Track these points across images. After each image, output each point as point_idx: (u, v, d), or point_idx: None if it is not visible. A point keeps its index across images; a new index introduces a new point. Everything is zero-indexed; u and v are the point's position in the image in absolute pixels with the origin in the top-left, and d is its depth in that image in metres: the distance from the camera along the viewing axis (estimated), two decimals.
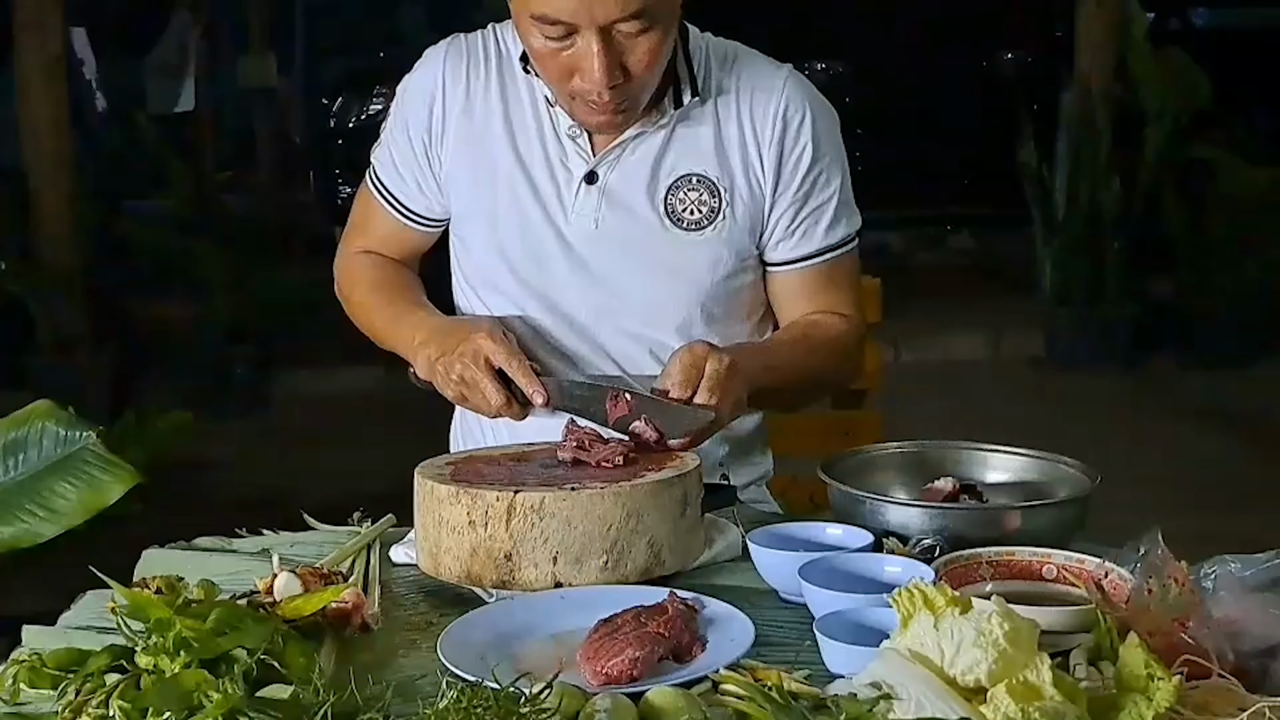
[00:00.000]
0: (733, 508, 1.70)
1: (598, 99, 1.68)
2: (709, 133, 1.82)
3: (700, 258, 1.82)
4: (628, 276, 1.82)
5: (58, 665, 1.28)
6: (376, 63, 8.90)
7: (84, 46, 7.39)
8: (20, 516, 2.15)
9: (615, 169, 1.81)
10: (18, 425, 2.21)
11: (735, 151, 1.82)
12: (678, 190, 1.81)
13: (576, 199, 1.81)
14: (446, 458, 1.67)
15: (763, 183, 1.82)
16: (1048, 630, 1.25)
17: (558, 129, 1.82)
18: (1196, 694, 1.18)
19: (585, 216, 1.81)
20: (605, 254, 1.82)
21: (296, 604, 1.36)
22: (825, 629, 1.30)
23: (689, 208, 1.81)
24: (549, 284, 1.83)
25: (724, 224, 1.82)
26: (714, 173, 1.81)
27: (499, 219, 1.84)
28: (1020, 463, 1.73)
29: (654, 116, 1.79)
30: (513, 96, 1.84)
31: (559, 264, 1.82)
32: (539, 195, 1.82)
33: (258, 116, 8.31)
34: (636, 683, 1.25)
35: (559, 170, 1.82)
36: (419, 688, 1.28)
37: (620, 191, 1.81)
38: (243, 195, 7.11)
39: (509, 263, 1.85)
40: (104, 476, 2.16)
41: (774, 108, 1.81)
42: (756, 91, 1.82)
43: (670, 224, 1.81)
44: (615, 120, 1.74)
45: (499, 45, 1.86)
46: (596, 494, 1.46)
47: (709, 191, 1.81)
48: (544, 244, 1.83)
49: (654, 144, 1.81)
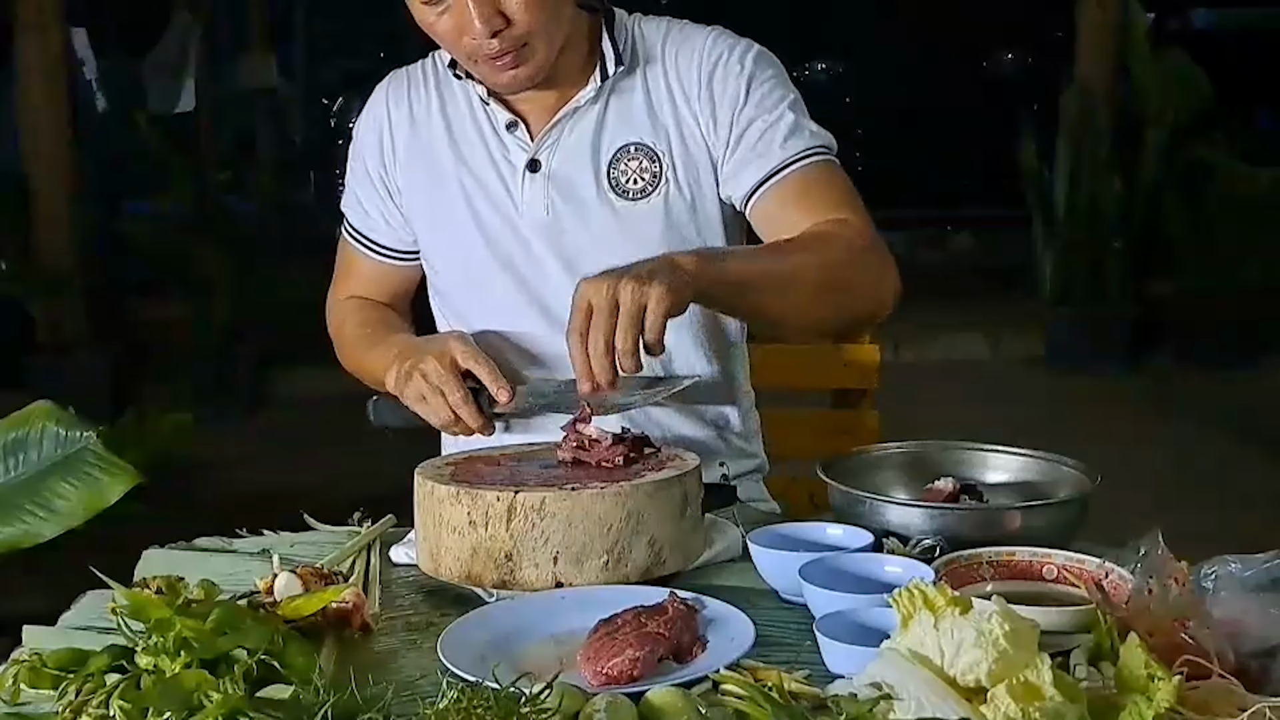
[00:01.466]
0: (733, 508, 1.70)
1: (491, 51, 1.69)
2: (640, 100, 1.82)
3: (651, 225, 1.81)
4: (588, 256, 1.79)
5: (58, 665, 1.28)
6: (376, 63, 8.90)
7: (84, 46, 7.39)
8: (20, 517, 2.16)
9: (556, 153, 1.82)
10: (18, 425, 2.21)
11: (668, 113, 1.82)
12: (618, 162, 1.82)
13: (524, 190, 1.82)
14: (446, 458, 1.67)
15: (700, 134, 1.81)
16: (1048, 630, 1.25)
17: (495, 125, 1.84)
18: (1197, 694, 1.18)
19: (536, 206, 1.82)
20: (562, 239, 1.82)
21: (297, 604, 1.36)
22: (825, 629, 1.30)
23: (631, 177, 1.81)
24: (513, 281, 1.84)
25: (668, 187, 1.81)
26: (650, 138, 1.81)
27: (457, 227, 1.86)
28: (1020, 463, 1.73)
29: (583, 91, 1.80)
30: (451, 107, 1.87)
31: (521, 259, 1.83)
32: (489, 195, 1.84)
33: (258, 117, 8.32)
34: (636, 683, 1.25)
35: (503, 165, 1.84)
36: (419, 688, 1.28)
37: (564, 174, 1.82)
38: (243, 195, 7.11)
39: (476, 269, 1.86)
40: (104, 477, 2.17)
41: (699, 60, 1.81)
42: (682, 52, 1.82)
43: (616, 196, 1.81)
44: (521, 74, 1.73)
45: (436, 65, 1.90)
46: (597, 494, 1.46)
47: (648, 158, 1.81)
48: (503, 242, 1.84)
49: (589, 121, 1.82)
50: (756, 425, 1.99)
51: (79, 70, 7.11)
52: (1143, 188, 6.44)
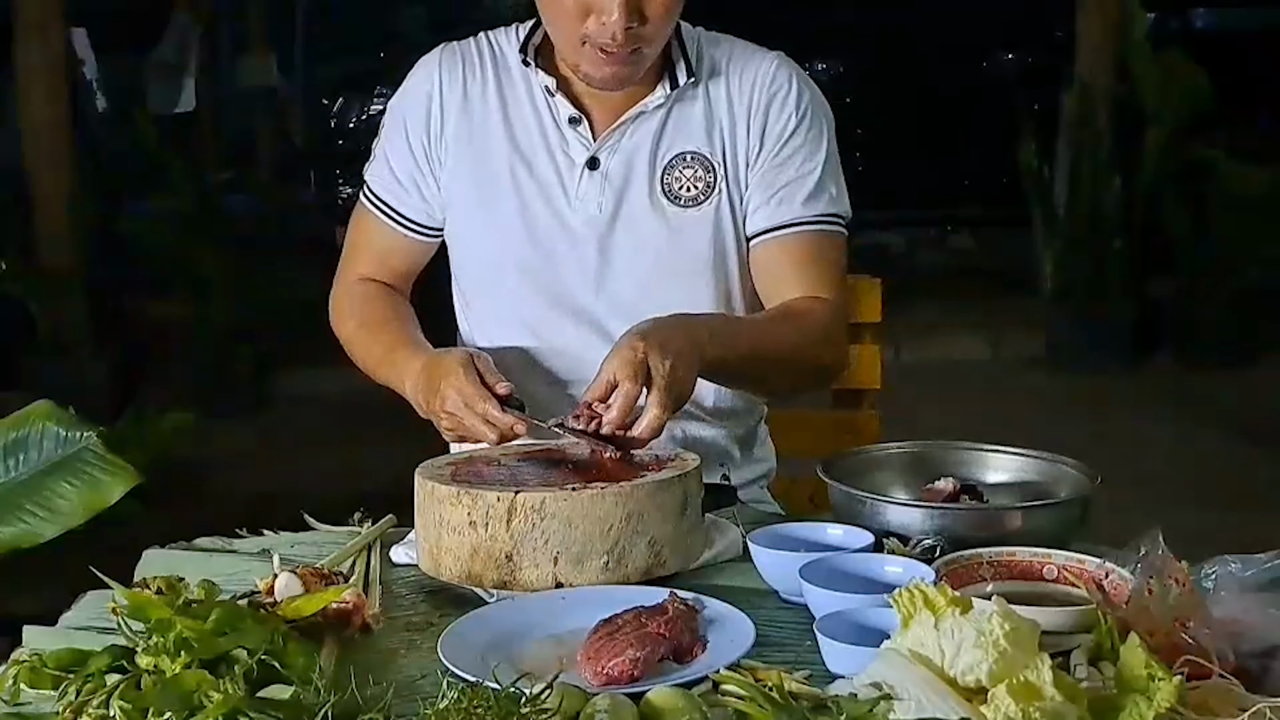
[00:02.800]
0: (733, 508, 1.70)
1: (611, 41, 1.70)
2: (701, 112, 1.86)
3: (700, 233, 1.85)
4: (632, 257, 1.84)
5: (58, 665, 1.28)
6: (376, 63, 8.92)
7: (85, 46, 7.38)
8: (21, 517, 2.16)
9: (615, 154, 1.84)
10: (18, 425, 2.21)
11: (725, 127, 1.86)
12: (674, 169, 1.85)
13: (579, 185, 1.84)
14: (447, 458, 1.67)
15: (747, 150, 1.86)
16: (1048, 630, 1.25)
17: (558, 118, 1.85)
18: (1197, 694, 1.18)
19: (589, 202, 1.84)
20: (609, 237, 1.84)
21: (297, 604, 1.36)
22: (826, 629, 1.30)
23: (685, 185, 1.85)
24: (553, 273, 1.85)
25: (719, 198, 1.85)
26: (706, 149, 1.85)
27: (501, 213, 1.86)
28: (1021, 463, 1.73)
29: (651, 97, 1.83)
30: (509, 93, 1.87)
31: (564, 250, 1.84)
32: (541, 185, 1.85)
33: (258, 117, 8.31)
34: (637, 683, 1.25)
35: (560, 158, 1.85)
36: (419, 688, 1.28)
37: (621, 175, 1.84)
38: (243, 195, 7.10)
39: (513, 256, 1.86)
40: (104, 477, 2.17)
41: (761, 83, 1.86)
42: (745, 71, 1.87)
43: (668, 202, 1.84)
44: (623, 72, 1.76)
45: (493, 47, 1.90)
46: (597, 494, 1.46)
47: (703, 168, 1.85)
48: (548, 232, 1.85)
49: (651, 126, 1.84)
50: (767, 431, 2.02)
51: (79, 70, 7.10)
52: (1143, 187, 6.43)
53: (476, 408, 1.65)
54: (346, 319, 1.98)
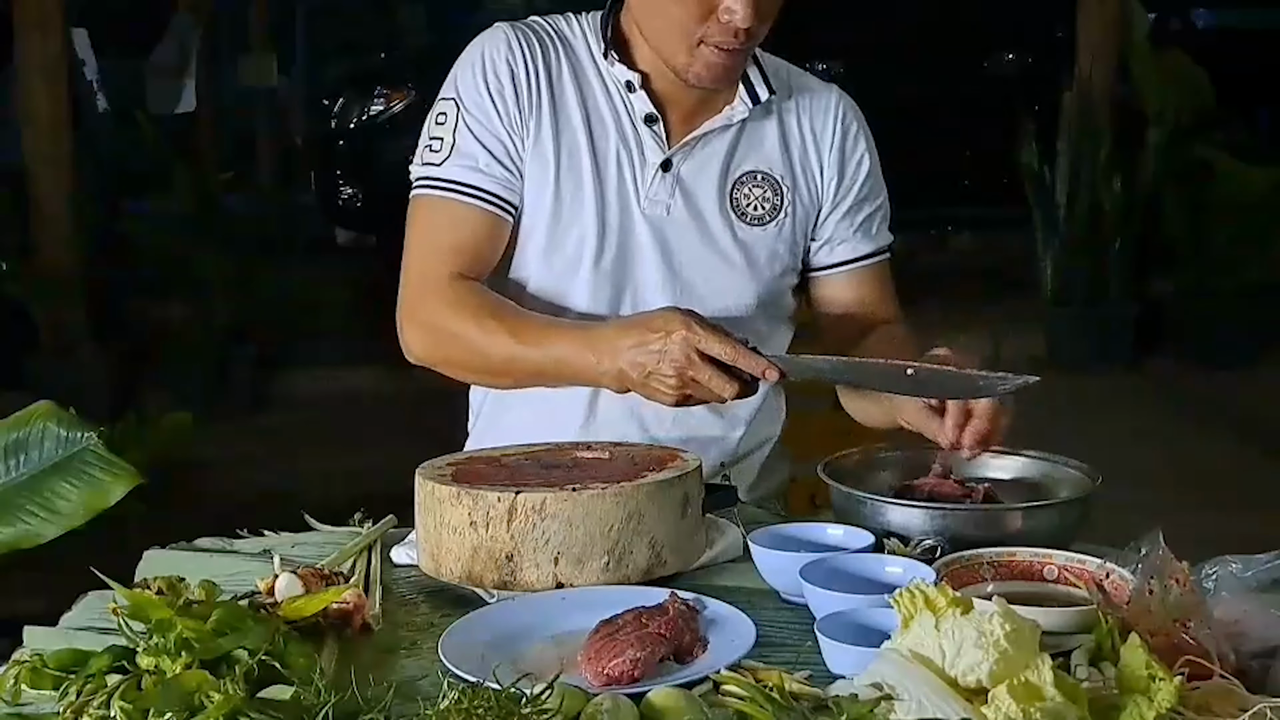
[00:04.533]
0: (734, 508, 1.70)
1: (734, 39, 1.71)
2: (774, 133, 1.88)
3: (761, 251, 1.87)
4: (695, 263, 1.84)
5: (59, 666, 1.28)
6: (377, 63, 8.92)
7: (85, 47, 7.38)
8: (21, 517, 2.16)
9: (689, 160, 1.84)
10: (19, 426, 2.21)
11: (796, 152, 1.89)
12: (743, 185, 1.86)
13: (651, 185, 1.83)
14: (447, 458, 1.67)
15: (821, 186, 1.90)
16: (1049, 631, 1.25)
17: (634, 116, 1.84)
18: (1198, 695, 1.18)
19: (658, 203, 1.84)
20: (675, 239, 1.84)
21: (298, 605, 1.36)
22: (826, 630, 1.30)
23: (753, 203, 1.86)
24: (624, 268, 1.83)
25: (785, 220, 1.88)
26: (778, 171, 1.88)
27: (579, 201, 1.82)
28: (1021, 463, 1.73)
29: (734, 110, 1.84)
30: (586, 84, 1.85)
31: (634, 242, 1.83)
32: (612, 180, 1.83)
33: (258, 117, 8.32)
34: (638, 683, 1.25)
35: (635, 156, 1.84)
36: (420, 688, 1.28)
37: (692, 182, 1.85)
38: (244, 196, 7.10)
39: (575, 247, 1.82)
40: (105, 477, 2.17)
41: (833, 116, 1.91)
42: (815, 102, 1.91)
43: (735, 217, 1.86)
44: (734, 69, 1.78)
45: (558, 33, 1.87)
46: (598, 494, 1.46)
47: (772, 189, 1.87)
48: (614, 228, 1.82)
49: (726, 139, 1.86)
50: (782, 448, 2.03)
51: (80, 70, 7.11)
52: (1143, 187, 6.43)
53: (713, 350, 1.58)
54: (460, 320, 1.76)
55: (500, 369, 1.78)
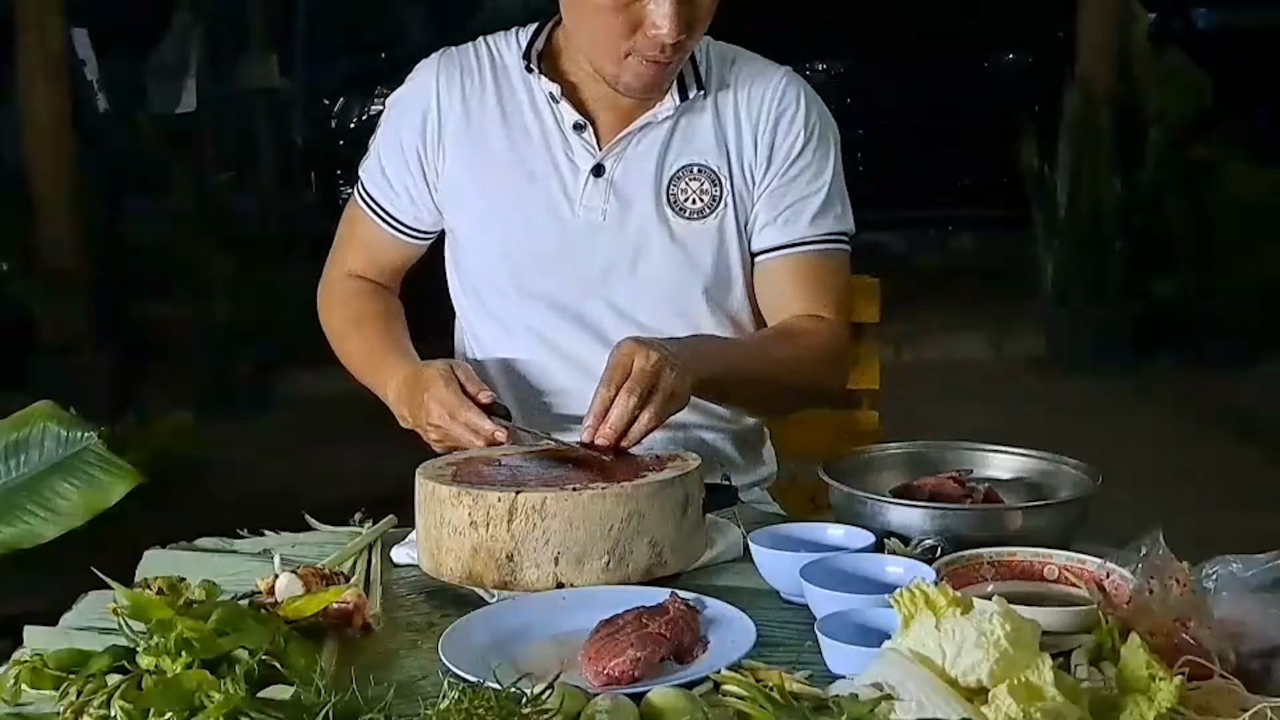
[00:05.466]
0: (734, 508, 1.70)
1: (661, 53, 1.71)
2: (709, 124, 1.85)
3: (703, 245, 1.84)
4: (634, 265, 1.84)
5: (59, 666, 1.28)
6: (378, 64, 8.91)
7: (85, 47, 7.38)
8: (22, 517, 2.16)
9: (621, 161, 1.83)
10: (19, 426, 2.21)
11: (732, 142, 1.85)
12: (680, 180, 1.84)
13: (584, 192, 1.83)
14: (447, 458, 1.66)
15: (754, 170, 1.86)
16: (1049, 631, 1.25)
17: (562, 125, 1.84)
18: (1198, 694, 1.18)
19: (593, 210, 1.83)
20: (612, 244, 1.83)
21: (298, 604, 1.36)
22: (827, 630, 1.30)
23: (691, 196, 1.84)
24: (553, 281, 1.85)
25: (724, 211, 1.85)
26: (715, 162, 1.85)
27: (502, 220, 1.85)
28: (1021, 463, 1.73)
29: (661, 107, 1.82)
30: (509, 100, 1.86)
31: (565, 256, 1.84)
32: (543, 191, 1.84)
33: (259, 117, 8.30)
34: (638, 683, 1.25)
35: (564, 165, 1.84)
36: (420, 688, 1.28)
37: (625, 183, 1.83)
38: (244, 196, 7.10)
39: (512, 264, 1.86)
40: (105, 477, 2.17)
41: (769, 99, 1.86)
42: (754, 86, 1.86)
43: (673, 213, 1.84)
44: (663, 79, 1.77)
45: (492, 53, 1.89)
46: (598, 494, 1.46)
47: (710, 180, 1.84)
48: (549, 240, 1.84)
49: (658, 136, 1.84)
50: (769, 436, 2.03)
51: (80, 71, 7.11)
52: (1143, 187, 6.43)
53: (460, 416, 1.66)
54: (334, 313, 1.99)
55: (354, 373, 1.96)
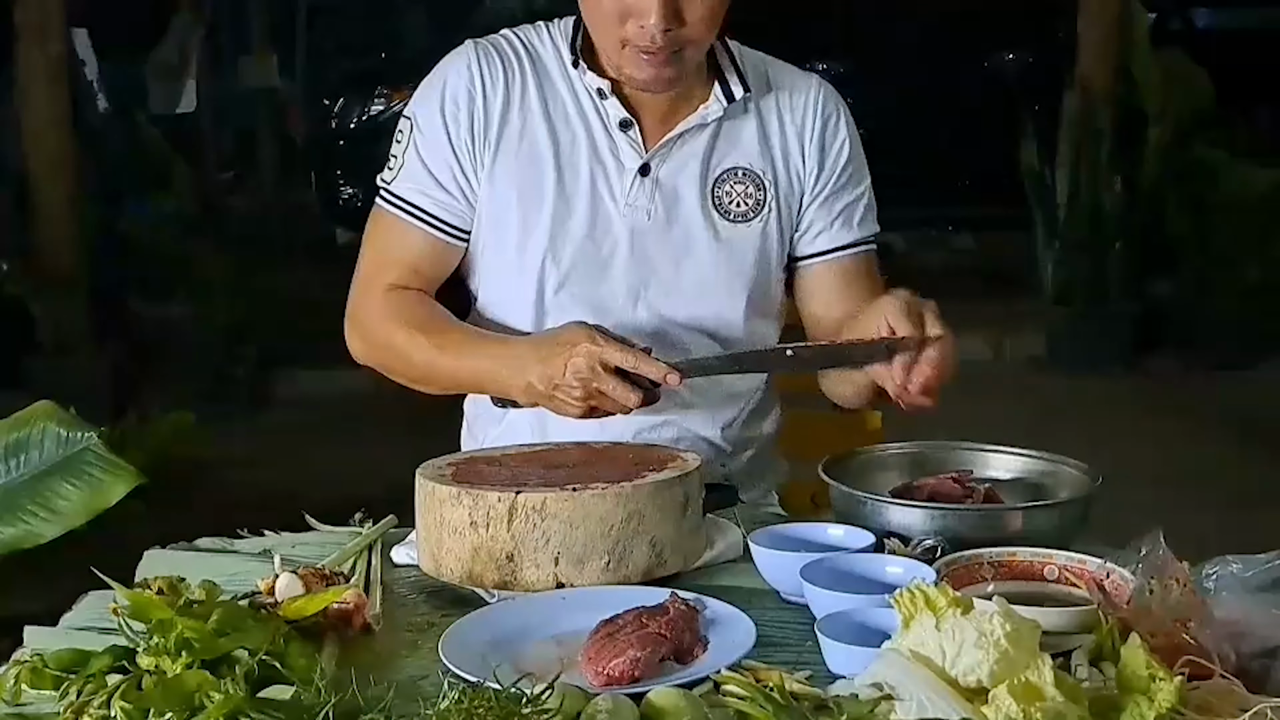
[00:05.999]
0: (734, 508, 1.70)
1: (650, 44, 1.69)
2: (753, 128, 1.86)
3: (747, 248, 1.85)
4: (679, 267, 1.83)
5: (59, 666, 1.28)
6: (378, 63, 8.91)
7: (86, 47, 7.37)
8: (22, 517, 2.16)
9: (667, 162, 1.83)
10: (19, 426, 2.21)
11: (778, 146, 1.87)
12: (724, 183, 1.85)
13: (630, 191, 1.82)
14: (448, 458, 1.67)
15: (803, 177, 1.88)
16: (1049, 631, 1.25)
17: (607, 122, 1.82)
18: (1198, 694, 1.18)
19: (638, 209, 1.82)
20: (656, 244, 1.82)
21: (298, 605, 1.36)
22: (827, 630, 1.30)
23: (736, 200, 1.85)
24: (593, 281, 1.81)
25: (769, 215, 1.86)
26: (759, 166, 1.86)
27: (542, 220, 1.81)
28: (1021, 463, 1.73)
29: (709, 109, 1.82)
30: (551, 95, 1.83)
31: (605, 257, 1.81)
32: (587, 190, 1.81)
33: (259, 117, 8.31)
34: (638, 683, 1.25)
35: (609, 163, 1.82)
36: (420, 688, 1.28)
37: (671, 184, 1.83)
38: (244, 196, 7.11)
39: (557, 261, 1.81)
40: (105, 477, 2.17)
41: (812, 106, 1.88)
42: (793, 92, 1.89)
43: (718, 215, 1.84)
44: (666, 73, 1.74)
45: (526, 46, 1.86)
46: (598, 495, 1.46)
47: (754, 184, 1.86)
48: (594, 238, 1.81)
49: (703, 138, 1.84)
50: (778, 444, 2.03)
51: (80, 71, 7.10)
52: (1143, 187, 6.44)
53: (615, 360, 1.62)
54: (390, 328, 1.83)
55: (421, 377, 1.84)
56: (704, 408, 1.86)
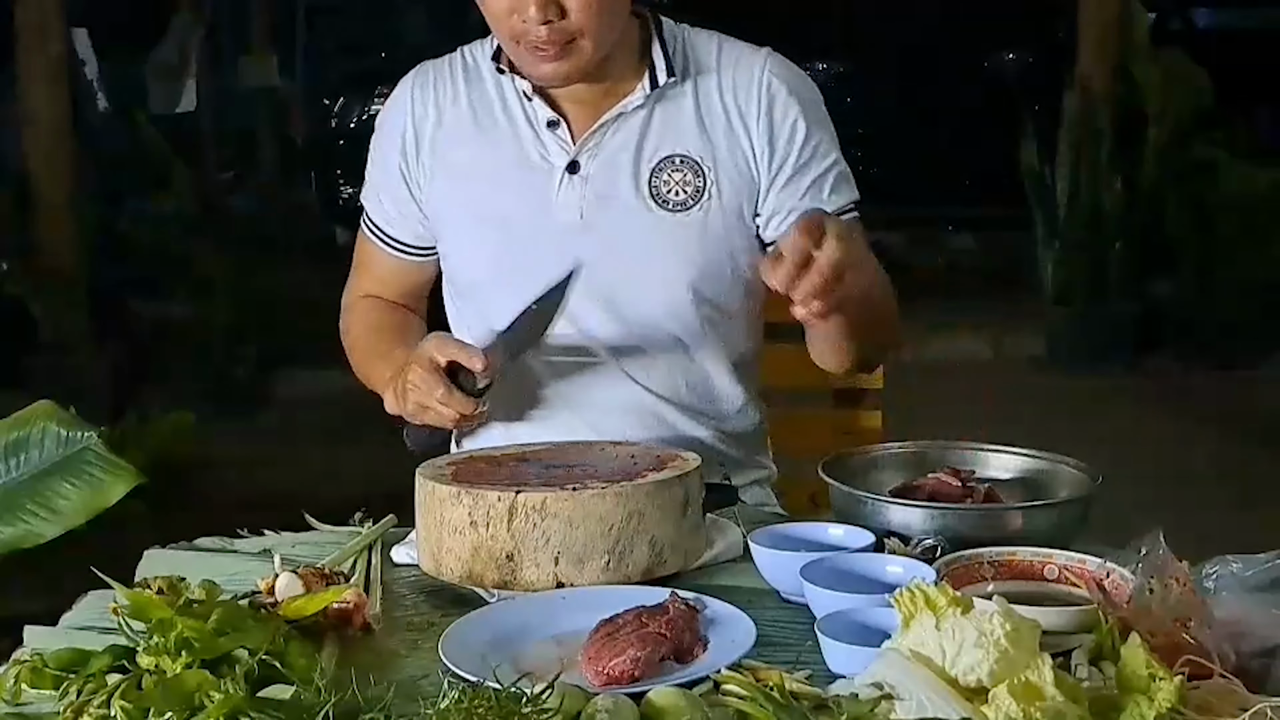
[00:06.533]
0: (734, 508, 1.70)
1: (537, 39, 1.68)
2: (690, 113, 1.81)
3: (689, 238, 1.80)
4: (616, 264, 1.80)
5: (59, 666, 1.28)
6: (378, 63, 8.92)
7: (85, 47, 7.38)
8: (22, 517, 2.16)
9: (597, 157, 1.80)
10: (19, 426, 2.21)
11: (719, 129, 1.81)
12: (661, 172, 1.80)
13: (559, 192, 1.81)
14: (448, 458, 1.67)
15: (753, 159, 1.81)
16: (1049, 630, 1.25)
17: (535, 123, 1.82)
18: (1198, 694, 1.18)
19: (569, 209, 1.80)
20: (590, 243, 1.79)
21: (298, 604, 1.36)
22: (827, 629, 1.30)
23: (673, 189, 1.80)
24: (537, 282, 1.80)
25: (710, 203, 1.80)
26: (697, 152, 1.80)
27: (485, 226, 1.84)
28: (1021, 462, 1.72)
29: (631, 97, 1.79)
30: (481, 103, 1.85)
31: (546, 259, 1.79)
32: (520, 194, 1.82)
33: (259, 117, 8.31)
34: (638, 683, 1.25)
35: (539, 164, 1.81)
36: (420, 688, 1.28)
37: (602, 179, 1.80)
38: (244, 196, 7.11)
39: (497, 268, 1.84)
40: (105, 477, 2.17)
41: (757, 83, 1.81)
42: (738, 70, 1.82)
43: (656, 206, 1.80)
44: (563, 68, 1.72)
45: (465, 61, 1.89)
46: (598, 494, 1.46)
47: (693, 171, 1.80)
48: (530, 243, 1.81)
49: (633, 127, 1.81)
50: (766, 437, 2.01)
51: (80, 70, 7.11)
52: (1143, 187, 6.44)
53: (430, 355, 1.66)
54: (351, 331, 2.00)
55: (363, 378, 1.97)
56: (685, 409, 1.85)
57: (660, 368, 1.85)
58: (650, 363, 1.84)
